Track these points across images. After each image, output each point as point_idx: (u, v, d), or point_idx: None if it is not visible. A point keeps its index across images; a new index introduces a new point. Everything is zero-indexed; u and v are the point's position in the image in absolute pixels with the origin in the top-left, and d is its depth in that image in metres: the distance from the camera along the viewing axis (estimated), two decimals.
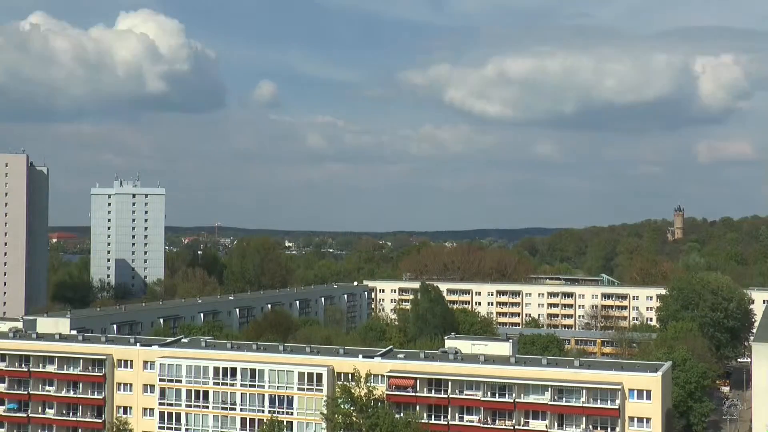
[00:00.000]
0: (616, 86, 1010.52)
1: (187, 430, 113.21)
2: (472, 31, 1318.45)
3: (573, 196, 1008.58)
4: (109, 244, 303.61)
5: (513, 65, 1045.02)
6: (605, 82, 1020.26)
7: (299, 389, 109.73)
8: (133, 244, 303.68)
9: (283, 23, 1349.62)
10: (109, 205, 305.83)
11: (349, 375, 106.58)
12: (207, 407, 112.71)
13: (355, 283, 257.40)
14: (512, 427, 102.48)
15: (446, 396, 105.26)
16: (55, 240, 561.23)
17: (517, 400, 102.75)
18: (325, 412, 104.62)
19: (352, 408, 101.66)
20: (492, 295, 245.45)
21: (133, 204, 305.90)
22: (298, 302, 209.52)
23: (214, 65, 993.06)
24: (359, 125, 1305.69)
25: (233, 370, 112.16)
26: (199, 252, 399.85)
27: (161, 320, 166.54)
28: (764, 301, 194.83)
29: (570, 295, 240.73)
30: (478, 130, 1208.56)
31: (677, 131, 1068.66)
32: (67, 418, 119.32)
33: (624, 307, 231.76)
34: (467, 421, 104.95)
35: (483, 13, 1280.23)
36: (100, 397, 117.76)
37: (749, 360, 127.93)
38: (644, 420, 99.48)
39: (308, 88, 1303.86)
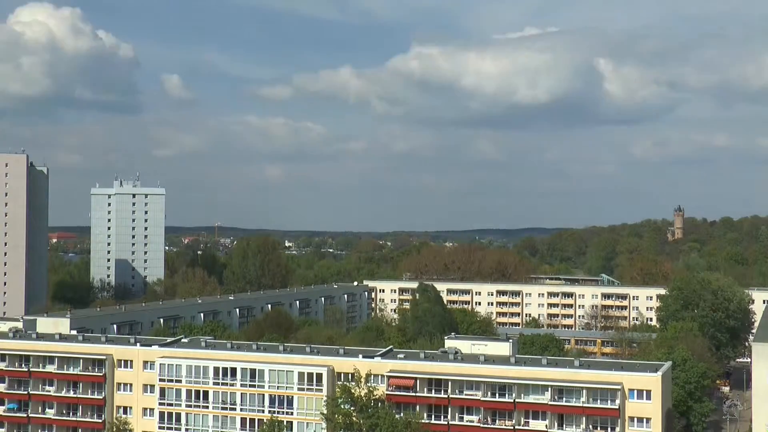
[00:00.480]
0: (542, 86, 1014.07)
1: (187, 430, 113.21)
2: (382, 30, 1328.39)
3: (517, 195, 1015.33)
4: (109, 244, 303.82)
5: (429, 64, 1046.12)
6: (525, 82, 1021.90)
7: (299, 389, 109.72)
8: (133, 244, 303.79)
9: (196, 21, 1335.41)
10: (109, 205, 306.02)
11: (349, 375, 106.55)
12: (207, 407, 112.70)
13: (355, 283, 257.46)
14: (512, 427, 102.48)
15: (446, 396, 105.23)
16: (55, 240, 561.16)
17: (517, 400, 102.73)
18: (325, 412, 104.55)
19: (352, 408, 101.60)
20: (492, 295, 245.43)
21: (133, 204, 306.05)
22: (298, 302, 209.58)
23: (136, 64, 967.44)
24: (289, 124, 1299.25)
25: (233, 370, 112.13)
26: (199, 252, 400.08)
27: (161, 320, 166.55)
28: (764, 301, 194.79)
29: (570, 295, 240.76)
30: (411, 130, 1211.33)
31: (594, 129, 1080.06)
32: (67, 418, 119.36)
33: (624, 307, 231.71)
34: (467, 421, 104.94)
35: (394, 13, 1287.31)
36: (100, 397, 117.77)
37: (749, 360, 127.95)
38: (644, 420, 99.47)
39: (226, 86, 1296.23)
